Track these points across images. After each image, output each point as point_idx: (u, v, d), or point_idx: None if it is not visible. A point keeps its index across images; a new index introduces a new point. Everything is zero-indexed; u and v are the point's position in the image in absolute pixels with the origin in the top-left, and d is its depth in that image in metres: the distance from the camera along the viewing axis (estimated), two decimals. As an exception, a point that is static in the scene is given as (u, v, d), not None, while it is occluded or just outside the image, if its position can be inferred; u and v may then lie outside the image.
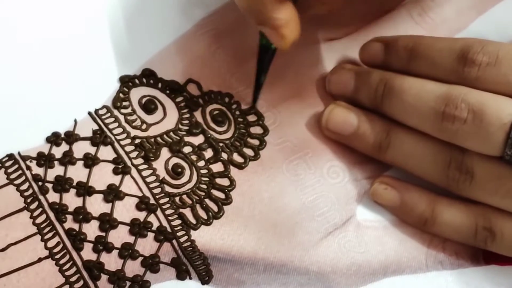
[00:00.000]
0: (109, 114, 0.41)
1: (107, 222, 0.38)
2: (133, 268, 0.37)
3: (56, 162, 0.39)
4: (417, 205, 0.39)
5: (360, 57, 0.42)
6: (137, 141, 0.41)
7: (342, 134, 0.41)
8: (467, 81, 0.36)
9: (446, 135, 0.37)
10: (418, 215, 0.40)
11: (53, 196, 0.38)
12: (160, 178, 0.40)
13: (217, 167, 0.41)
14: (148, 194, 0.39)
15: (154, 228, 0.38)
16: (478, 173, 0.37)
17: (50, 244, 0.37)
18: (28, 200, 0.38)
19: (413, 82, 0.38)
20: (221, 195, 0.40)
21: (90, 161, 0.39)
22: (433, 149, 0.38)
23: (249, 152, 0.41)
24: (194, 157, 0.41)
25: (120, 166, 0.40)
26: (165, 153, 0.41)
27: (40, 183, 0.39)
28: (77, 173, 0.39)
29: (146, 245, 0.38)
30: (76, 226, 0.38)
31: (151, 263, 0.38)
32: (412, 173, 0.40)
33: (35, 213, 0.38)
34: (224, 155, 0.41)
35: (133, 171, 0.40)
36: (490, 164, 0.37)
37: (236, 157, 0.41)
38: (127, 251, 0.38)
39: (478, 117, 0.35)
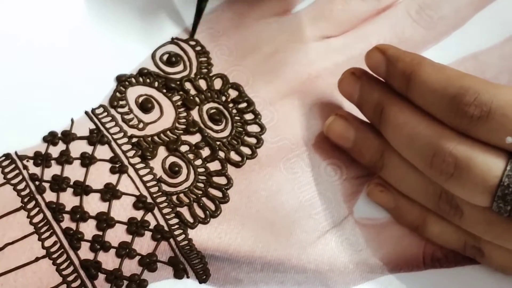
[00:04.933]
0: (106, 113, 0.41)
1: (104, 221, 0.38)
2: (130, 267, 0.37)
3: (53, 162, 0.39)
4: (409, 212, 0.39)
5: (366, 63, 0.40)
6: (134, 140, 0.41)
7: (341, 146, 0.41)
8: (459, 127, 0.35)
9: (434, 178, 0.36)
10: (410, 221, 0.39)
11: (50, 196, 0.38)
12: (157, 177, 0.40)
13: (214, 166, 0.41)
14: (145, 193, 0.39)
15: (151, 227, 0.38)
16: (467, 213, 0.36)
17: (47, 243, 0.37)
18: (25, 200, 0.38)
19: (408, 119, 0.37)
20: (218, 193, 0.40)
21: (87, 160, 0.39)
22: (424, 180, 0.37)
23: (246, 150, 0.41)
24: (191, 156, 0.41)
25: (117, 165, 0.40)
26: (162, 152, 0.41)
27: (37, 183, 0.39)
28: (74, 172, 0.39)
29: (144, 244, 0.38)
30: (73, 225, 0.38)
31: (149, 262, 0.38)
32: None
33: (32, 213, 0.38)
34: (221, 154, 0.41)
35: (130, 170, 0.40)
36: (478, 208, 0.35)
37: (233, 156, 0.41)
38: (124, 250, 0.38)
39: (464, 175, 0.34)
